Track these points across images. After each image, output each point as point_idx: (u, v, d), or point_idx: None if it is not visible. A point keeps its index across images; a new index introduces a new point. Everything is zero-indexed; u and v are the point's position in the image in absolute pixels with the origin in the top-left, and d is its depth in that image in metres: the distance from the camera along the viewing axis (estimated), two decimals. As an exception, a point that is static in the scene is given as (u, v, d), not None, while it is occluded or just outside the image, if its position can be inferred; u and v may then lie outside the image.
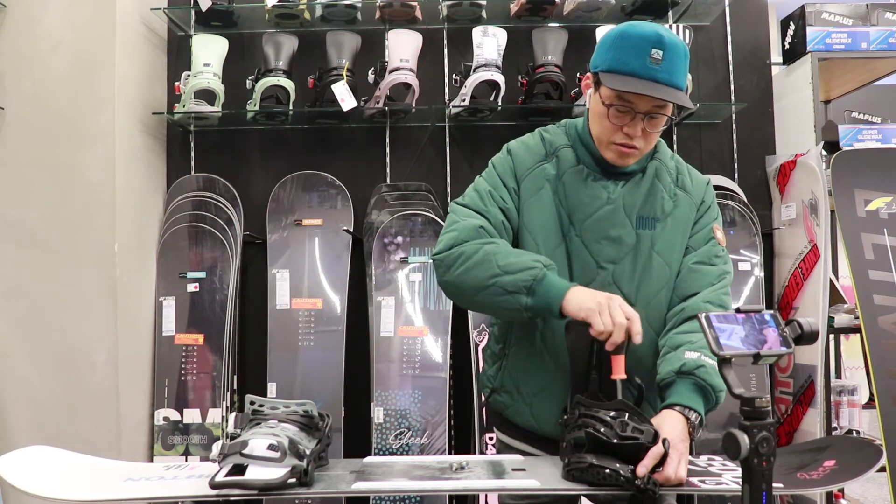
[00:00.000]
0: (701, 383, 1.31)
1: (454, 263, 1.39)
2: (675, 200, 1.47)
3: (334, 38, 2.69)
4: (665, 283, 1.45)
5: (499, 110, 2.68)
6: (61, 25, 2.49)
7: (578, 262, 1.44)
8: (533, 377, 1.47)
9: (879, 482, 2.90)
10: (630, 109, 1.36)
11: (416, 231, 2.70)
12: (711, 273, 1.45)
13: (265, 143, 2.90)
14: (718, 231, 1.50)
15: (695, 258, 1.46)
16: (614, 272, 1.43)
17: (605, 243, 1.43)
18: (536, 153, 1.49)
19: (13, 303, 2.47)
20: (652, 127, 1.38)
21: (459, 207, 1.48)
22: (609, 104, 1.38)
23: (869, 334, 2.44)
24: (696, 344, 1.34)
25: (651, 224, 1.44)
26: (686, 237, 1.47)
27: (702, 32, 2.89)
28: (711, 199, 1.52)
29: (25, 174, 2.48)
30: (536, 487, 1.24)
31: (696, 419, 1.29)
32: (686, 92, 1.45)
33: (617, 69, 1.36)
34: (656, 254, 1.44)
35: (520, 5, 2.69)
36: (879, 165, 2.61)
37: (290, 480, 1.18)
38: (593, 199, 1.43)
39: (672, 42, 1.34)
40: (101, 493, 1.21)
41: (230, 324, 2.63)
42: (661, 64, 1.32)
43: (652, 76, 1.33)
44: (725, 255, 1.50)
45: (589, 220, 1.43)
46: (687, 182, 1.50)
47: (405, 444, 2.53)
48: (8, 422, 2.44)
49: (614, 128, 1.39)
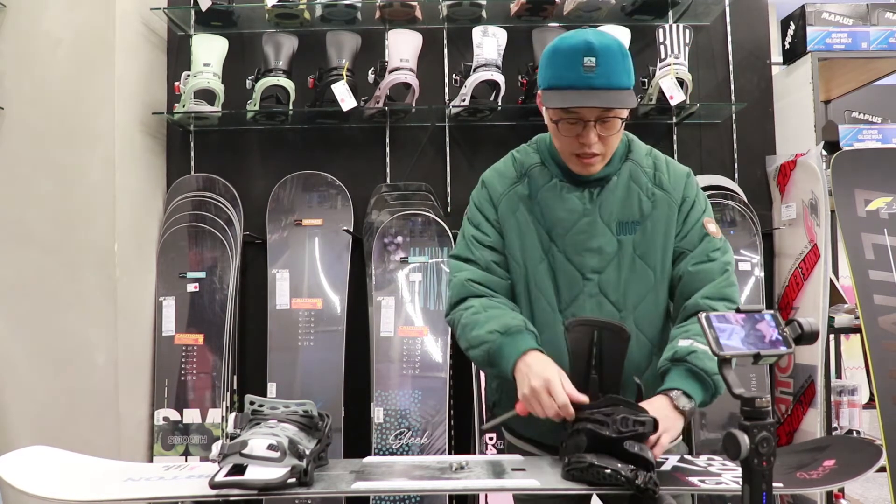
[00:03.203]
0: (693, 368, 1.32)
1: (453, 328, 1.52)
2: (653, 201, 1.45)
3: (334, 37, 2.69)
4: (651, 286, 1.45)
5: (499, 110, 2.68)
6: (61, 25, 2.48)
7: (564, 276, 1.44)
8: None
9: (879, 482, 2.90)
10: (579, 120, 1.37)
11: (416, 231, 2.70)
12: (713, 270, 1.44)
13: (265, 143, 2.90)
14: (710, 224, 1.48)
15: (693, 260, 1.45)
16: (600, 282, 1.44)
17: (587, 255, 1.44)
18: (508, 177, 1.52)
19: (13, 303, 2.47)
20: (606, 131, 1.38)
21: (452, 261, 1.55)
22: (556, 119, 1.40)
23: (869, 334, 2.44)
24: (689, 332, 1.36)
25: (632, 229, 1.44)
26: (669, 239, 1.45)
27: (702, 32, 2.88)
28: (694, 194, 1.48)
29: (25, 174, 2.48)
30: (536, 487, 1.24)
31: (686, 404, 1.30)
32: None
33: (555, 84, 1.38)
34: (639, 258, 1.44)
35: (520, 5, 2.69)
36: (879, 165, 2.61)
37: (289, 480, 1.18)
38: (570, 213, 1.44)
39: (603, 45, 1.34)
40: (101, 493, 1.21)
41: (230, 324, 2.63)
42: (595, 70, 1.33)
43: (588, 84, 1.34)
44: (724, 246, 1.48)
45: (569, 234, 1.44)
46: (664, 180, 1.47)
47: (405, 444, 2.53)
48: (8, 422, 2.44)
49: (570, 140, 1.40)
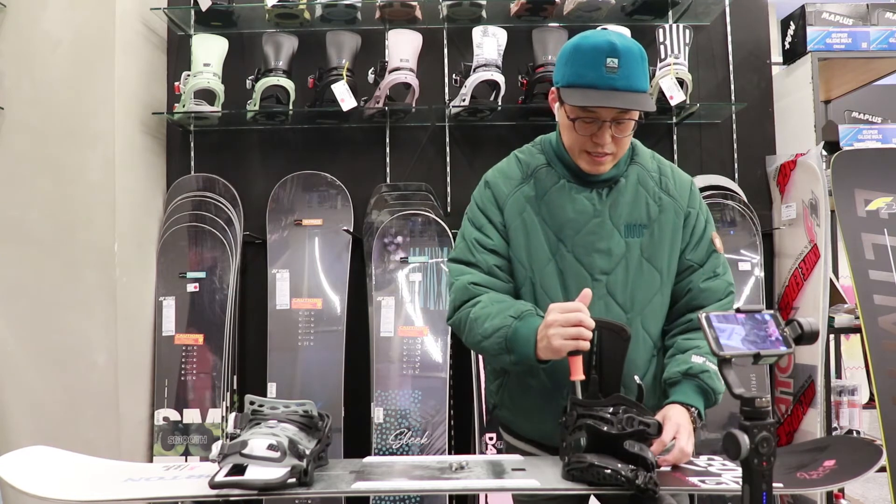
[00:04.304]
0: (703, 386, 1.39)
1: (459, 330, 1.49)
2: (660, 205, 1.48)
3: (334, 38, 2.69)
4: (657, 288, 1.47)
5: (499, 110, 2.68)
6: (61, 25, 2.49)
7: (572, 277, 1.45)
8: (531, 395, 1.48)
9: (879, 482, 2.90)
10: (595, 119, 1.38)
11: (416, 231, 2.70)
12: (719, 289, 1.49)
13: (265, 143, 2.90)
14: (717, 240, 1.52)
15: (703, 276, 1.49)
16: (608, 283, 1.45)
17: (596, 256, 1.45)
18: (513, 178, 1.51)
19: (13, 303, 2.47)
20: (620, 132, 1.40)
21: (452, 265, 1.53)
22: (574, 118, 1.40)
23: (869, 334, 2.43)
24: (702, 350, 1.41)
25: (639, 231, 1.46)
26: (675, 244, 1.48)
27: (702, 32, 2.88)
28: (699, 204, 1.52)
29: (25, 174, 2.48)
30: (536, 487, 1.24)
31: (696, 416, 1.38)
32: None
33: (575, 83, 1.38)
34: (646, 261, 1.46)
35: (520, 5, 2.69)
36: (879, 165, 2.61)
37: (289, 480, 1.18)
38: (580, 214, 1.45)
39: (626, 48, 1.35)
40: (101, 493, 1.21)
41: (230, 324, 2.63)
42: (617, 72, 1.34)
43: (610, 85, 1.35)
44: (725, 263, 1.53)
45: (578, 235, 1.45)
46: (671, 185, 1.50)
47: (405, 444, 2.53)
48: (8, 422, 2.44)
49: (583, 138, 1.41)
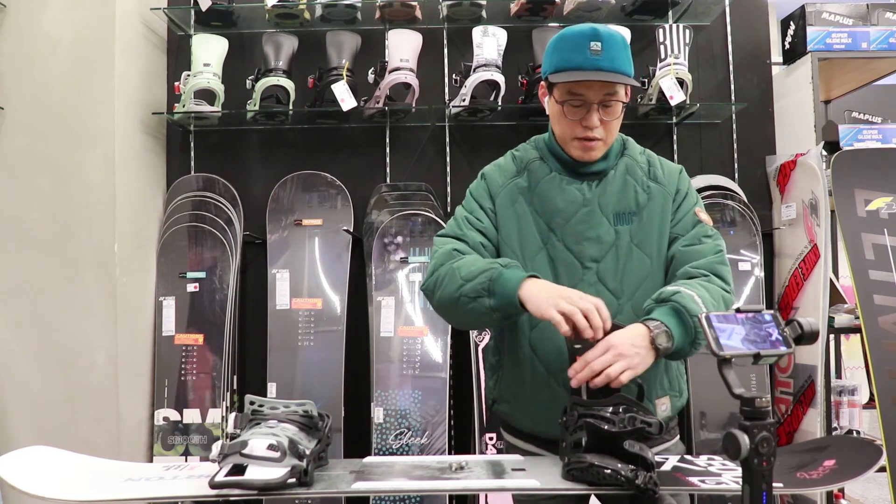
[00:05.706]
0: (676, 306, 1.32)
1: (434, 288, 1.46)
2: (648, 193, 1.51)
3: (334, 37, 2.69)
4: (647, 274, 1.48)
5: (499, 110, 2.68)
6: (61, 25, 2.49)
7: (563, 265, 1.48)
8: (528, 386, 1.49)
9: (879, 482, 2.90)
10: (583, 102, 1.44)
11: (416, 231, 2.70)
12: (704, 250, 1.47)
13: (265, 143, 2.90)
14: (702, 213, 1.53)
15: (684, 242, 1.49)
16: (598, 270, 1.47)
17: (586, 244, 1.47)
18: (508, 171, 1.57)
19: (13, 303, 2.47)
20: (608, 115, 1.45)
21: (439, 238, 1.55)
22: (562, 101, 1.46)
23: (869, 334, 2.43)
24: (678, 282, 1.39)
25: (628, 219, 1.49)
26: (664, 227, 1.50)
27: (702, 32, 2.88)
28: (686, 187, 1.55)
29: (25, 174, 2.48)
30: (536, 487, 1.24)
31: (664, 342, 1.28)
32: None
33: (562, 67, 1.45)
34: (636, 247, 1.49)
35: (520, 5, 2.69)
36: (879, 165, 2.61)
37: (289, 480, 1.18)
38: (570, 204, 1.49)
39: (608, 34, 1.43)
40: (101, 493, 1.21)
41: (230, 324, 2.63)
42: (601, 54, 1.41)
43: (595, 66, 1.41)
44: (716, 234, 1.52)
45: (568, 224, 1.48)
46: (659, 173, 1.54)
47: (405, 444, 2.53)
48: (8, 422, 2.44)
49: (573, 123, 1.46)
